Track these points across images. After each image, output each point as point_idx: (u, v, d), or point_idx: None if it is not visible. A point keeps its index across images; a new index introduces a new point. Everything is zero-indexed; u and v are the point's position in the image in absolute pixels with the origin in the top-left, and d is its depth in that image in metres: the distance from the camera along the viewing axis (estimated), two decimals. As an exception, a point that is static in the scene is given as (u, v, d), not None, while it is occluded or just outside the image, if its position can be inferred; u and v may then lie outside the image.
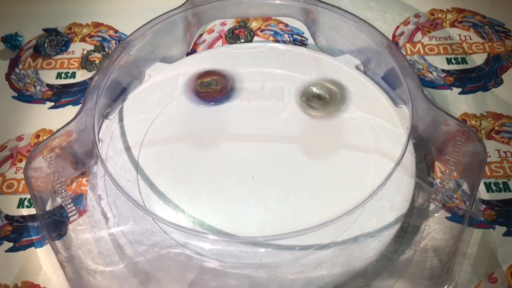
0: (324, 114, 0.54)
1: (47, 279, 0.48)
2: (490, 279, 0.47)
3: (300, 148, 0.52)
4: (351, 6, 0.69)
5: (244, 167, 0.51)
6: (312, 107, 0.54)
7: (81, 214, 0.51)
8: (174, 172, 0.51)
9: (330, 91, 0.55)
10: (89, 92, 0.52)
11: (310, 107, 0.54)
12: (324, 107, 0.54)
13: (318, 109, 0.54)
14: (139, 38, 0.56)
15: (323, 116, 0.54)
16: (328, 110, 0.54)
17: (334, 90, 0.55)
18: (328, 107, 0.54)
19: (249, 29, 0.66)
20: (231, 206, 0.48)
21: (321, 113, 0.54)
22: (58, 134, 0.50)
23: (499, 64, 0.62)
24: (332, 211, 0.44)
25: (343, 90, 0.56)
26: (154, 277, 0.46)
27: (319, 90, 0.55)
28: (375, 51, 0.56)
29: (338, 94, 0.55)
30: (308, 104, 0.55)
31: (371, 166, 0.50)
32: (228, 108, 0.55)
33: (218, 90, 0.56)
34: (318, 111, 0.54)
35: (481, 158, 0.47)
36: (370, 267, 0.46)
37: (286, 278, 0.45)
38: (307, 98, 0.55)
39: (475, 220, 0.50)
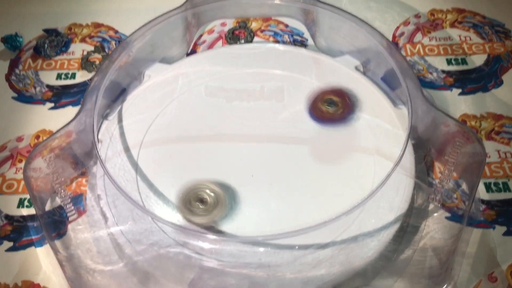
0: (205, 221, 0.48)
1: (46, 278, 0.48)
2: (490, 278, 0.47)
3: (299, 148, 0.52)
4: (351, 6, 0.68)
5: (244, 167, 0.51)
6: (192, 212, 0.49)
7: (81, 214, 0.51)
8: (173, 172, 0.51)
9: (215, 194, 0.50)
10: (89, 93, 0.52)
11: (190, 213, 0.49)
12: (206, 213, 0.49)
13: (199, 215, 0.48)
14: (138, 38, 0.56)
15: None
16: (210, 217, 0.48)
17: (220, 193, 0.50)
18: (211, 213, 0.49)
19: (249, 30, 0.67)
20: (230, 206, 0.48)
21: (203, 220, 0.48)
22: (58, 134, 0.50)
23: (499, 65, 0.62)
24: (332, 210, 0.44)
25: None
26: (153, 276, 0.46)
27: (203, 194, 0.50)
28: (374, 52, 0.56)
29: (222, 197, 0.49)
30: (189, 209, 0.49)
31: (371, 166, 0.50)
32: (228, 108, 0.55)
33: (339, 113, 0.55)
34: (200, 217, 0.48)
35: (481, 159, 0.47)
36: (370, 267, 0.46)
37: (285, 278, 0.45)
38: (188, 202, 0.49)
39: (475, 220, 0.50)
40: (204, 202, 0.48)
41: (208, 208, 0.48)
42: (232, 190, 0.49)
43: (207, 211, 0.48)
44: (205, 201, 0.49)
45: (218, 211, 0.48)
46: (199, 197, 0.49)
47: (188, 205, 0.48)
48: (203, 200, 0.49)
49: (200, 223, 0.48)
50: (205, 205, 0.48)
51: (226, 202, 0.49)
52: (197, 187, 0.49)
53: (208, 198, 0.49)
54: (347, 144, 0.52)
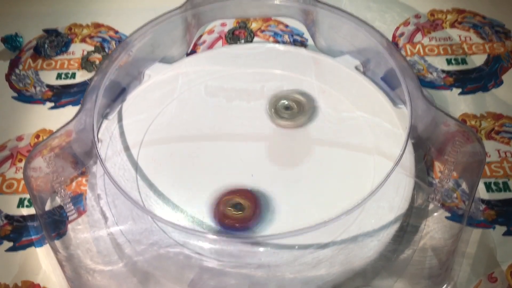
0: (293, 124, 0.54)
1: (46, 278, 0.48)
2: (490, 278, 0.47)
3: (299, 148, 0.52)
4: (351, 6, 0.68)
5: (244, 166, 0.51)
6: (281, 117, 0.54)
7: (81, 213, 0.51)
8: (173, 171, 0.51)
9: (299, 102, 0.55)
10: (89, 93, 0.52)
11: (279, 118, 0.54)
12: (292, 118, 0.54)
13: (287, 119, 0.54)
14: (138, 38, 0.56)
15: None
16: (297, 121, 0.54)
17: (303, 101, 0.55)
18: (296, 118, 0.54)
19: (249, 30, 0.67)
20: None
21: (290, 123, 0.54)
22: (58, 134, 0.50)
23: (499, 65, 0.62)
24: (332, 210, 0.44)
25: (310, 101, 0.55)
26: (153, 276, 0.46)
27: (288, 101, 0.55)
28: (374, 52, 0.56)
29: (305, 105, 0.55)
30: (277, 115, 0.54)
31: (371, 166, 0.50)
32: (228, 108, 0.55)
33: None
34: (287, 121, 0.54)
35: (480, 158, 0.47)
36: (369, 267, 0.46)
37: (285, 278, 0.45)
38: (275, 109, 0.55)
39: (475, 220, 0.50)
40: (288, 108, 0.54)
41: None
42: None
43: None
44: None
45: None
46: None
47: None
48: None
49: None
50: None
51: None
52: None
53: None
54: (347, 144, 0.52)
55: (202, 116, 0.55)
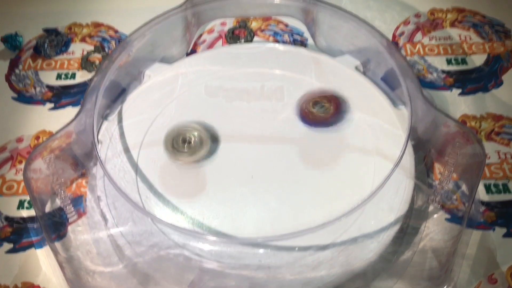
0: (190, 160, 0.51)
1: (46, 280, 0.48)
2: (490, 280, 0.47)
3: (299, 149, 0.52)
4: (351, 5, 0.68)
5: (243, 167, 0.51)
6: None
7: (81, 215, 0.51)
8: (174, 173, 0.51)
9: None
10: (89, 93, 0.52)
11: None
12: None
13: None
14: (138, 38, 0.56)
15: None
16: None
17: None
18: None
19: (249, 29, 0.66)
20: (230, 207, 0.48)
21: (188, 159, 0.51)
22: (58, 135, 0.50)
23: (499, 65, 0.62)
24: (331, 212, 0.44)
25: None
26: (153, 278, 0.46)
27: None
28: (374, 51, 0.56)
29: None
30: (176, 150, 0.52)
31: (370, 167, 0.50)
32: (228, 108, 0.55)
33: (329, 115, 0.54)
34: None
35: (480, 159, 0.47)
36: (369, 268, 0.46)
37: (285, 279, 0.45)
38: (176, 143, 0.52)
39: (475, 222, 0.50)
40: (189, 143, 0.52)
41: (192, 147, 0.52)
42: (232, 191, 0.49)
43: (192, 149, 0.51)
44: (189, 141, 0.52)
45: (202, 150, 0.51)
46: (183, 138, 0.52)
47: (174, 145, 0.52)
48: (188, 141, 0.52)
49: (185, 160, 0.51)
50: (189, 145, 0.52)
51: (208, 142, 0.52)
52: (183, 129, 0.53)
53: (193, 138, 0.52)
54: (347, 145, 0.52)
55: (202, 116, 0.55)
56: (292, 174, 0.50)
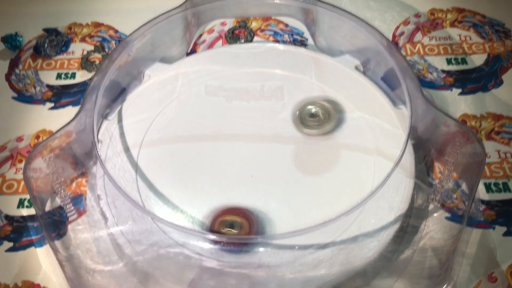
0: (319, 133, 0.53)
1: (46, 278, 0.48)
2: (490, 278, 0.47)
3: (299, 148, 0.52)
4: (351, 6, 0.68)
5: (244, 167, 0.51)
6: (307, 126, 0.54)
7: (81, 214, 0.51)
8: (173, 172, 0.51)
9: (325, 109, 0.54)
10: (89, 93, 0.52)
11: (305, 126, 0.54)
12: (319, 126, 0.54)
13: (313, 128, 0.54)
14: (138, 38, 0.56)
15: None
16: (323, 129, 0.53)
17: (329, 108, 0.55)
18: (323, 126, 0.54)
19: (249, 29, 0.67)
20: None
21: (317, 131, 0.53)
22: (58, 134, 0.50)
23: (499, 65, 0.62)
24: (331, 211, 0.44)
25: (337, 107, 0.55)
26: (153, 277, 0.46)
27: (315, 108, 0.55)
28: (374, 51, 0.56)
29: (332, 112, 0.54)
30: (303, 123, 0.54)
31: (370, 167, 0.50)
32: (228, 108, 0.55)
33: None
34: (313, 129, 0.53)
35: (480, 159, 0.47)
36: (369, 267, 0.46)
37: (285, 278, 0.45)
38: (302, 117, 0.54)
39: (475, 220, 0.50)
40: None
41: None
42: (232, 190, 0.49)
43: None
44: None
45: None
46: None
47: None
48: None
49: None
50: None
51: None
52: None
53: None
54: (347, 144, 0.52)
55: (202, 116, 0.55)
56: (292, 174, 0.50)
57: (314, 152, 0.52)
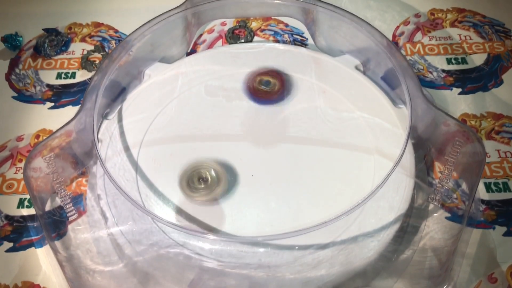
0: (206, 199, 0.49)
1: (46, 279, 0.48)
2: (490, 279, 0.47)
3: (299, 148, 0.52)
4: (351, 6, 0.68)
5: (244, 166, 0.51)
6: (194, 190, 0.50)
7: (81, 214, 0.51)
8: (174, 172, 0.51)
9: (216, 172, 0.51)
10: (89, 92, 0.52)
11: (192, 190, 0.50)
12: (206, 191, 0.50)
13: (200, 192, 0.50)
14: (138, 38, 0.56)
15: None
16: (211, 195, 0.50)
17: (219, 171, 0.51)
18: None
19: (249, 29, 0.67)
20: (230, 206, 0.48)
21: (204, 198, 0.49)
22: (58, 134, 0.50)
23: (499, 64, 0.62)
24: (331, 211, 0.44)
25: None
26: (153, 277, 0.46)
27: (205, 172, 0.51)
28: (374, 51, 0.56)
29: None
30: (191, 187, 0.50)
31: (371, 166, 0.50)
32: (228, 108, 0.55)
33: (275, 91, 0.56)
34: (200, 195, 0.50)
35: (480, 158, 0.47)
36: (369, 267, 0.46)
37: (285, 278, 0.45)
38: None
39: (475, 220, 0.50)
40: (205, 181, 0.50)
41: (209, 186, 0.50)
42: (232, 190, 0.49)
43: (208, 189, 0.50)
44: (206, 179, 0.50)
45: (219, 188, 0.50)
46: (200, 176, 0.50)
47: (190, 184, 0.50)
48: (204, 179, 0.50)
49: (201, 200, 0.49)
50: (206, 184, 0.50)
51: (226, 179, 0.50)
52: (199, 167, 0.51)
53: (209, 177, 0.50)
54: (347, 144, 0.52)
55: (202, 116, 0.55)
56: (292, 173, 0.50)
57: (314, 151, 0.52)
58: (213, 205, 0.48)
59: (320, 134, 0.53)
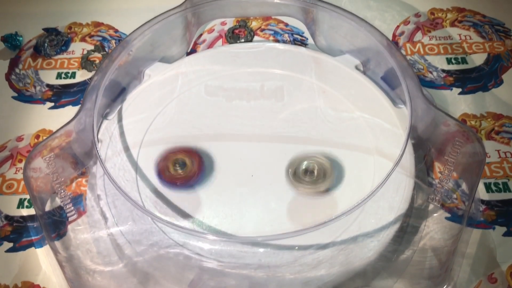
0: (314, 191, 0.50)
1: (46, 279, 0.48)
2: (490, 279, 0.47)
3: (299, 148, 0.52)
4: (351, 5, 0.68)
5: (244, 166, 0.51)
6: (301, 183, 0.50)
7: (81, 214, 0.51)
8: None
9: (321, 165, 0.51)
10: (89, 92, 0.52)
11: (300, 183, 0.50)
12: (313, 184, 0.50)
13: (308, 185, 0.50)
14: (138, 37, 0.56)
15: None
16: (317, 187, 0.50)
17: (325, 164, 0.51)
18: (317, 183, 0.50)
19: (249, 29, 0.67)
20: (230, 206, 0.48)
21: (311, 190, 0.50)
22: (58, 134, 0.50)
23: (499, 64, 0.62)
24: (331, 211, 0.44)
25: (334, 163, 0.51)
26: (153, 277, 0.46)
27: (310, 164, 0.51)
28: (374, 51, 0.56)
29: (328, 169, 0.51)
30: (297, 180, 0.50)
31: (370, 166, 0.50)
32: (228, 108, 0.55)
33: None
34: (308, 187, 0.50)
35: (480, 158, 0.47)
36: (369, 267, 0.46)
37: (285, 278, 0.45)
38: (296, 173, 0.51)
39: (475, 220, 0.50)
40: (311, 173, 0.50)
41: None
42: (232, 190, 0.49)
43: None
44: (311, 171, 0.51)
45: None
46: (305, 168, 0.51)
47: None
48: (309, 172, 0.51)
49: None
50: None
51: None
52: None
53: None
54: (346, 144, 0.52)
55: (202, 116, 0.55)
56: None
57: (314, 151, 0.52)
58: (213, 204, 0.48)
59: (320, 134, 0.53)
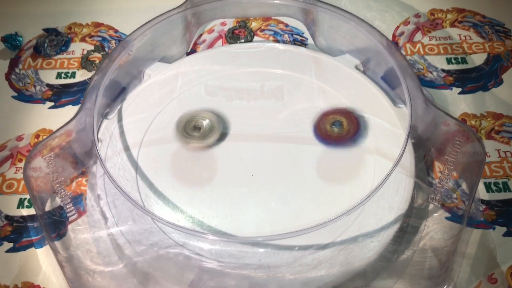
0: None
1: (46, 279, 0.48)
2: (490, 279, 0.47)
3: (299, 148, 0.52)
4: (351, 6, 0.69)
5: (244, 167, 0.51)
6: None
7: (81, 214, 0.51)
8: (173, 171, 0.51)
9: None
10: (89, 92, 0.52)
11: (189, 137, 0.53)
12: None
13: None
14: (138, 37, 0.56)
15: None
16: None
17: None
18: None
19: (249, 29, 0.67)
20: (230, 206, 0.48)
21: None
22: (58, 133, 0.50)
23: (499, 64, 0.62)
24: (331, 211, 0.44)
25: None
26: (153, 277, 0.46)
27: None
28: (374, 51, 0.56)
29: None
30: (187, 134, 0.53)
31: (370, 166, 0.50)
32: (228, 108, 0.55)
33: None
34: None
35: (480, 158, 0.47)
36: (369, 267, 0.46)
37: (285, 278, 0.45)
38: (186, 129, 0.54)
39: (475, 220, 0.50)
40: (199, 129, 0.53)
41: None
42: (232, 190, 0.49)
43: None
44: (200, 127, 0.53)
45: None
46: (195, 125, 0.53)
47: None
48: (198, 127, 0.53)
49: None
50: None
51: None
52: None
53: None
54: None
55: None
56: (292, 173, 0.50)
57: (313, 151, 0.52)
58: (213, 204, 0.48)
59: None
